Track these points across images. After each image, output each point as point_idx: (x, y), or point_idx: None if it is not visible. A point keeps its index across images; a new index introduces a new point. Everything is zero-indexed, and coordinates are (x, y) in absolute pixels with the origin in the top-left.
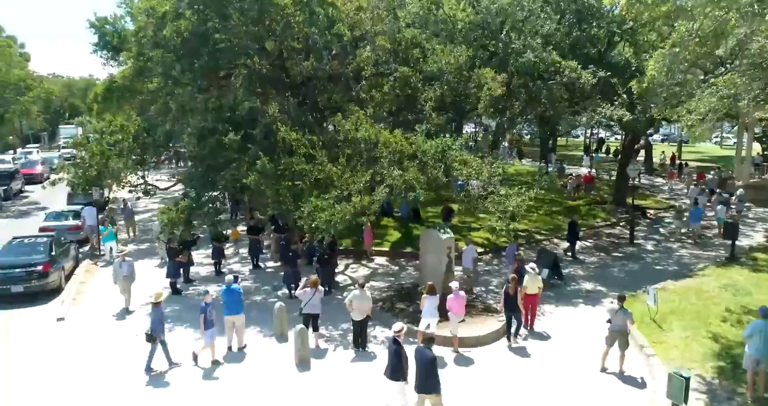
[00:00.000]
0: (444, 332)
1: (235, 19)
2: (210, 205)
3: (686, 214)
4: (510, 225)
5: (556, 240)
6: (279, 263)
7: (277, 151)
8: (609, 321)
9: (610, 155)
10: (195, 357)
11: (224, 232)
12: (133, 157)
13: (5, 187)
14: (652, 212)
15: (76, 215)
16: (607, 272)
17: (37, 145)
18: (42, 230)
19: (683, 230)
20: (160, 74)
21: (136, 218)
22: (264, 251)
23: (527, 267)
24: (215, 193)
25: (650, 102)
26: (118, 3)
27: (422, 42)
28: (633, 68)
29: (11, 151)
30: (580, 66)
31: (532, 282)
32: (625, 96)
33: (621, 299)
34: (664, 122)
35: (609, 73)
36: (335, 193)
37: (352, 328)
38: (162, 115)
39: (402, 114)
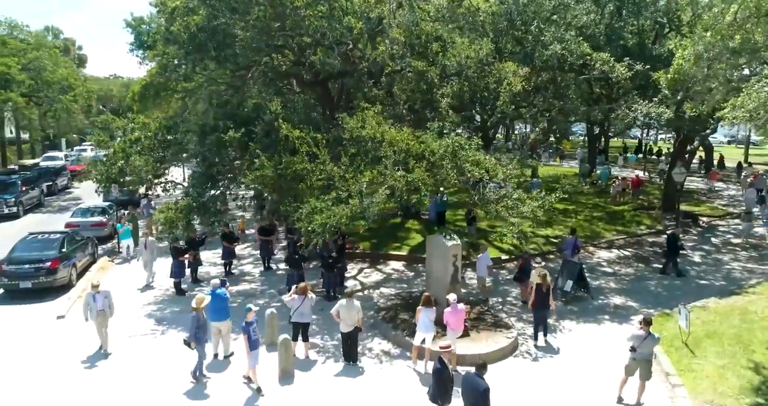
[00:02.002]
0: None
1: (250, 14)
2: (211, 204)
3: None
4: (519, 229)
5: (591, 248)
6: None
7: (278, 149)
8: (633, 349)
9: (653, 156)
10: (249, 380)
11: (231, 225)
12: (155, 154)
13: (50, 183)
14: (705, 219)
15: (103, 211)
16: (642, 286)
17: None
18: (67, 225)
19: (747, 239)
20: (172, 71)
21: None
22: (276, 252)
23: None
24: (216, 192)
25: (680, 96)
26: (150, 2)
27: (443, 35)
28: None
29: (69, 149)
30: (613, 59)
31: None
32: (666, 92)
33: (647, 322)
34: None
35: (648, 67)
36: (334, 194)
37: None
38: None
39: (422, 112)
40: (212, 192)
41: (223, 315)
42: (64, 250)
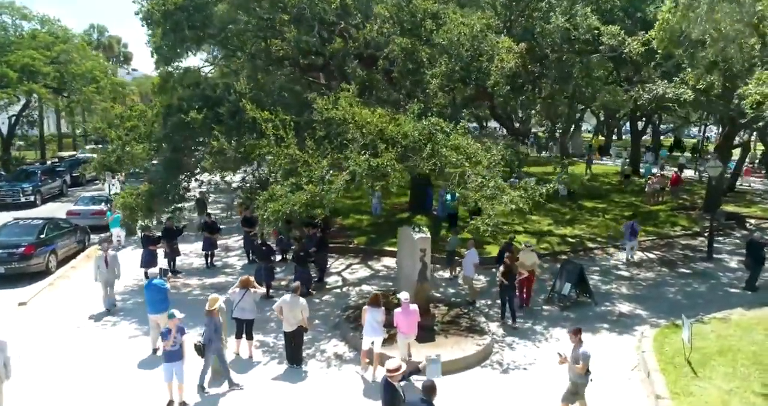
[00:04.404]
0: (393, 353)
1: None
2: (174, 191)
3: None
4: (494, 223)
5: (611, 250)
6: (279, 258)
7: (242, 131)
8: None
9: (686, 153)
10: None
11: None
12: (152, 143)
13: (76, 175)
14: (752, 221)
15: (107, 200)
16: (659, 292)
17: None
18: (69, 213)
19: None
20: (157, 53)
21: None
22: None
23: (522, 245)
24: (180, 178)
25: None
26: None
27: (439, 11)
28: None
29: None
30: (623, 31)
31: (526, 258)
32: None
33: (579, 332)
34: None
35: None
36: (293, 180)
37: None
38: None
39: (413, 95)
40: (179, 178)
41: (160, 307)
42: (42, 236)
